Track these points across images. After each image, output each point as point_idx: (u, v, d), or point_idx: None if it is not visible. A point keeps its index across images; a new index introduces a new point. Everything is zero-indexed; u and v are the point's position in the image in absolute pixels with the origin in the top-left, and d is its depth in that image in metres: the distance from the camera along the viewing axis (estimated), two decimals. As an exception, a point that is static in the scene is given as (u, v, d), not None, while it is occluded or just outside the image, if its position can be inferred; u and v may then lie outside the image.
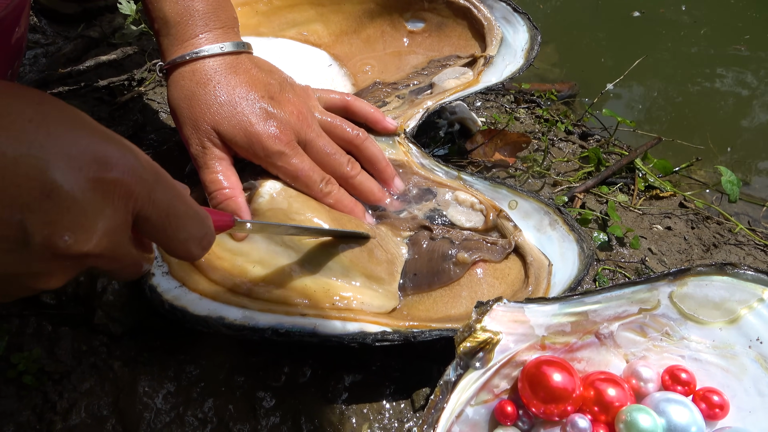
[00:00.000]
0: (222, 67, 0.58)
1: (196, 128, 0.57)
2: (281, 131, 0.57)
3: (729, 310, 0.52)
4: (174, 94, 0.59)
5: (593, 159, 0.86)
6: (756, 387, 0.50)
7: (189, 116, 0.57)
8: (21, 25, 0.50)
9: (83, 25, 0.97)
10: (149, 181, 0.34)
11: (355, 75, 0.76)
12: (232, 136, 0.56)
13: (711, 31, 1.49)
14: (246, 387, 0.56)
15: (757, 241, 0.80)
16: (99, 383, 0.55)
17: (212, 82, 0.57)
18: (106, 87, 0.87)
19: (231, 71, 0.58)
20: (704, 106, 1.30)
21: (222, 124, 0.56)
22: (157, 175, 0.35)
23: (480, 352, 0.47)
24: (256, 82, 0.58)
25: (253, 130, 0.56)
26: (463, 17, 0.76)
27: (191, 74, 0.58)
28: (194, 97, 0.57)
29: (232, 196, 0.56)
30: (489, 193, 0.64)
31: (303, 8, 0.77)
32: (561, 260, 0.59)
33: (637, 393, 0.51)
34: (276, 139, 0.57)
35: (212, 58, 0.58)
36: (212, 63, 0.58)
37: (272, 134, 0.57)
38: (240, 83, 0.57)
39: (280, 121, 0.57)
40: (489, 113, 0.97)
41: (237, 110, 0.56)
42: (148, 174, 0.34)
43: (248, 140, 0.56)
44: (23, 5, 0.49)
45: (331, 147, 0.61)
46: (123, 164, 0.33)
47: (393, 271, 0.58)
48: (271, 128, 0.57)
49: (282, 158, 0.57)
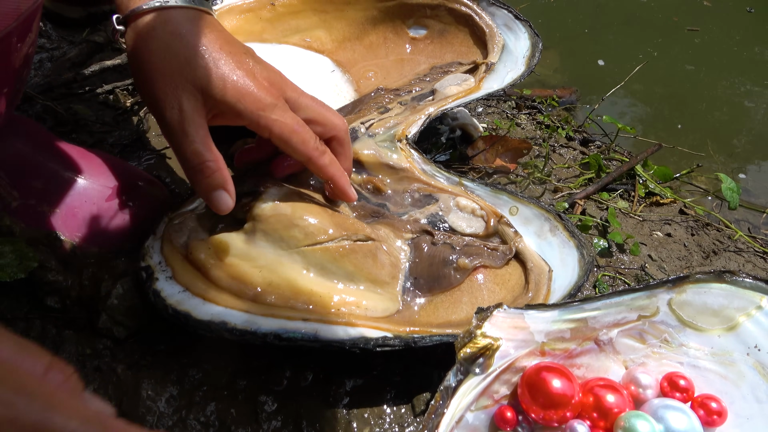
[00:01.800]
0: (196, 20, 0.51)
1: (174, 86, 0.49)
2: (270, 84, 0.52)
3: (727, 317, 0.52)
4: (141, 46, 0.50)
5: (594, 165, 0.87)
6: (754, 394, 0.50)
7: (163, 72, 0.49)
8: (32, 34, 0.50)
9: (88, 29, 0.98)
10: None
11: (358, 81, 0.77)
12: (219, 90, 0.50)
13: (711, 38, 1.50)
14: (248, 391, 0.56)
15: (756, 248, 0.81)
16: (102, 386, 0.55)
17: (190, 34, 0.50)
18: (111, 91, 0.87)
19: (205, 25, 0.51)
20: (705, 113, 1.31)
21: (205, 79, 0.49)
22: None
23: (480, 357, 0.48)
24: (232, 40, 0.53)
25: (243, 82, 0.50)
26: (464, 24, 0.77)
27: (163, 24, 0.50)
28: (169, 50, 0.49)
29: (218, 169, 0.51)
30: (490, 199, 0.65)
31: (306, 15, 0.78)
32: (561, 266, 0.59)
33: (635, 399, 0.51)
34: (267, 91, 0.51)
35: (183, 10, 0.51)
36: (184, 14, 0.51)
37: (263, 86, 0.51)
38: (217, 38, 0.51)
39: (265, 75, 0.52)
40: (490, 119, 0.97)
41: (222, 63, 0.50)
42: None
43: (238, 94, 0.50)
44: (34, 16, 0.49)
45: (316, 106, 0.56)
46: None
47: (396, 274, 0.58)
48: (261, 80, 0.52)
49: (276, 111, 0.52)
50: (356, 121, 0.67)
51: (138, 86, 0.52)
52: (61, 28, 1.01)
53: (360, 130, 0.66)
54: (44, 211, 0.59)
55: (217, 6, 0.74)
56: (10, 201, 0.59)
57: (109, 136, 0.81)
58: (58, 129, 0.80)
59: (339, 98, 0.75)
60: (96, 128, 0.82)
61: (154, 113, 0.51)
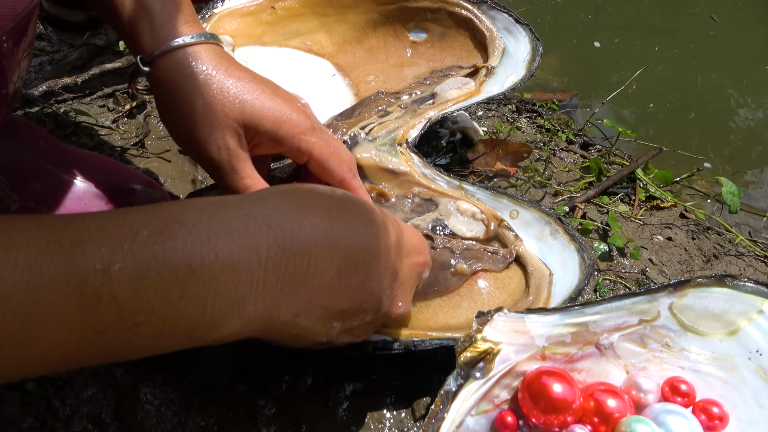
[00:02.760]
0: (218, 56, 0.50)
1: (216, 125, 0.48)
2: (304, 107, 0.53)
3: (729, 321, 0.52)
4: (172, 87, 0.49)
5: (594, 169, 0.87)
6: (756, 399, 0.50)
7: (203, 112, 0.48)
8: (28, 35, 0.50)
9: (88, 33, 0.98)
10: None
11: (358, 85, 0.77)
12: (260, 121, 0.49)
13: (712, 41, 1.50)
14: (247, 395, 0.56)
15: (757, 252, 0.80)
16: (101, 390, 0.55)
17: (219, 71, 0.49)
18: (111, 94, 0.87)
19: (227, 59, 0.51)
20: (705, 116, 1.31)
21: (245, 113, 0.49)
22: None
23: (480, 362, 0.48)
24: (251, 71, 0.52)
25: (280, 109, 0.50)
26: (465, 28, 0.77)
27: (190, 62, 0.49)
28: (204, 89, 0.48)
29: None
30: (490, 202, 0.64)
31: (307, 18, 0.78)
32: (562, 270, 0.59)
33: (637, 404, 0.51)
34: (304, 115, 0.52)
35: (204, 45, 0.50)
36: (205, 50, 0.50)
37: (299, 110, 0.52)
38: (243, 70, 0.51)
39: (296, 101, 0.53)
40: (490, 122, 0.97)
41: (257, 94, 0.49)
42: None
43: (278, 121, 0.50)
44: (30, 16, 0.49)
45: (332, 135, 0.56)
46: (426, 250, 0.51)
47: None
48: (295, 105, 0.52)
49: (315, 134, 0.52)
50: (356, 125, 0.67)
51: (173, 127, 0.51)
52: (61, 32, 1.01)
53: (360, 135, 0.66)
54: (43, 213, 0.59)
55: (217, 9, 0.74)
56: (10, 204, 0.58)
57: (109, 139, 0.81)
58: (58, 132, 0.80)
59: (339, 102, 0.75)
60: (96, 131, 0.82)
61: (195, 153, 0.50)
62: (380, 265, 0.43)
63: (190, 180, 0.77)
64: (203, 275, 0.33)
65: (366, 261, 0.42)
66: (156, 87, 0.50)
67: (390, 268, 0.45)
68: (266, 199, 0.39)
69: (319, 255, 0.39)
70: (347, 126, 0.67)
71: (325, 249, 0.39)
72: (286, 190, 0.41)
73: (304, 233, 0.38)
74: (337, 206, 0.42)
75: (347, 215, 0.42)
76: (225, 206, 0.37)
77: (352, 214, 0.42)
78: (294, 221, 0.38)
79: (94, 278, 0.30)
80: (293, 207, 0.39)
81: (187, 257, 0.32)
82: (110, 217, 0.32)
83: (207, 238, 0.34)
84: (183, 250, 0.32)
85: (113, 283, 0.30)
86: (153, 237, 0.32)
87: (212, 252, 0.34)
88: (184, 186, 0.76)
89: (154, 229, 0.32)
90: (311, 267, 0.38)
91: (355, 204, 0.44)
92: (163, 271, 0.32)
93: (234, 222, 0.36)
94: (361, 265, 0.42)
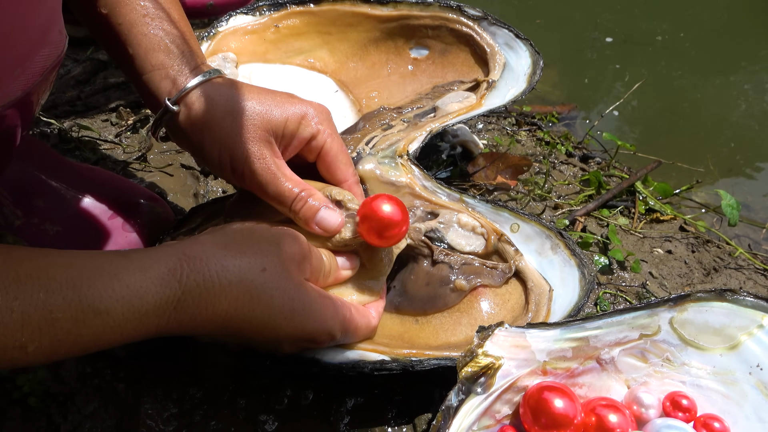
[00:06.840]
0: (229, 83, 0.56)
1: (251, 139, 0.53)
2: (322, 108, 0.57)
3: (729, 336, 0.52)
4: (202, 118, 0.53)
5: (594, 182, 0.87)
6: (756, 413, 0.50)
7: (238, 132, 0.52)
8: (50, 83, 0.51)
9: (92, 48, 0.99)
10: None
11: (360, 101, 0.78)
12: (284, 122, 0.54)
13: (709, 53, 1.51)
14: (248, 409, 0.56)
15: (757, 265, 0.81)
16: (103, 405, 0.55)
17: (239, 94, 0.54)
18: (114, 109, 0.88)
19: (238, 83, 0.56)
20: (704, 129, 1.31)
21: (273, 119, 0.53)
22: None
23: (482, 377, 0.48)
24: (260, 86, 0.58)
25: (297, 108, 0.55)
26: (466, 44, 0.78)
27: (214, 94, 0.54)
28: (233, 112, 0.53)
29: (312, 193, 0.54)
30: (491, 216, 0.65)
31: (310, 36, 0.79)
32: (562, 285, 0.59)
33: (638, 419, 0.51)
34: (320, 109, 0.57)
35: (217, 78, 0.56)
36: (220, 81, 0.56)
37: (315, 105, 0.57)
38: (256, 88, 0.56)
39: (308, 101, 0.57)
40: (490, 136, 0.98)
41: (277, 103, 0.54)
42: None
43: (299, 119, 0.55)
44: (55, 67, 0.51)
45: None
46: (301, 239, 0.52)
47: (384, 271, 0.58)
48: (309, 102, 0.57)
49: (330, 126, 0.57)
50: (362, 141, 0.68)
51: (212, 157, 0.54)
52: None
53: (365, 151, 0.67)
54: (47, 229, 0.60)
55: (222, 27, 0.75)
56: (14, 220, 0.59)
57: (112, 153, 0.81)
58: (61, 146, 0.81)
59: (342, 118, 0.75)
60: (99, 146, 0.82)
61: (237, 170, 0.53)
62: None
63: (192, 194, 0.78)
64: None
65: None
66: (186, 124, 0.54)
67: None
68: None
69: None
70: (353, 143, 0.67)
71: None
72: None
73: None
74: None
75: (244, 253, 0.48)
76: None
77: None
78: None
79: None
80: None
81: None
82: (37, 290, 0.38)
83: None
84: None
85: (28, 359, 0.38)
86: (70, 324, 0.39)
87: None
88: (186, 200, 0.77)
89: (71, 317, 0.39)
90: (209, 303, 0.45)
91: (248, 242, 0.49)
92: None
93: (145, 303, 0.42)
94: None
